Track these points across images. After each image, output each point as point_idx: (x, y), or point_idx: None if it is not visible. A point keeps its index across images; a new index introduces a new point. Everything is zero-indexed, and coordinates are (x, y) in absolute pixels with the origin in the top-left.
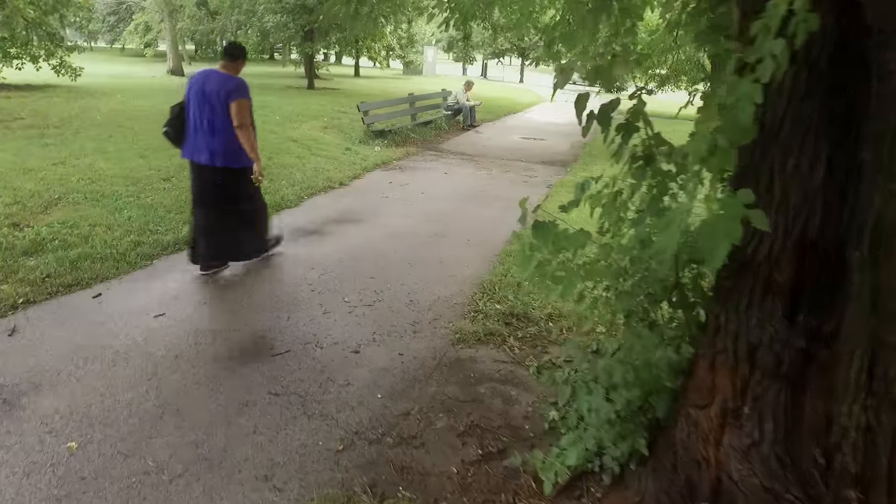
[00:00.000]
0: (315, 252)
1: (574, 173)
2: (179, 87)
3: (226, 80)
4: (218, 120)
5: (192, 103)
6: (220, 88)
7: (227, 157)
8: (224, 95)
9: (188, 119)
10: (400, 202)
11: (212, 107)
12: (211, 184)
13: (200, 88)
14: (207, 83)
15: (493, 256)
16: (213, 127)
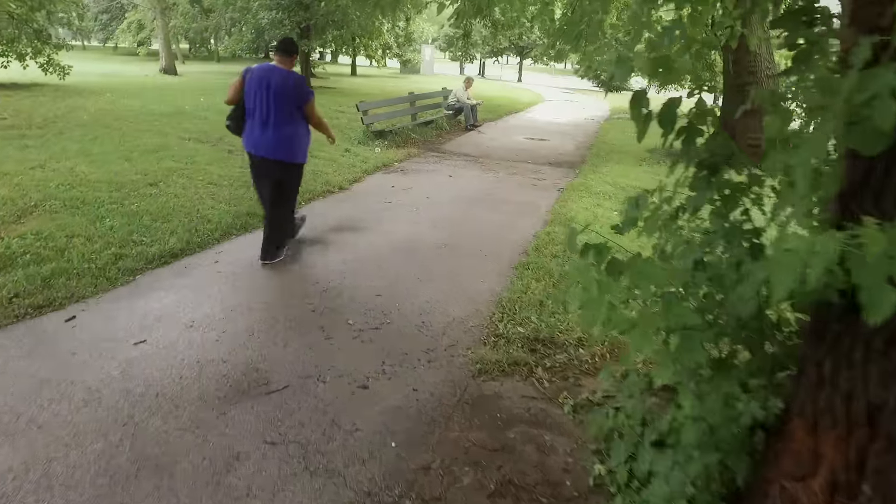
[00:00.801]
0: (315, 265)
1: (584, 176)
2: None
3: (289, 76)
4: (280, 115)
5: (254, 97)
6: (286, 85)
7: (287, 150)
8: (293, 94)
9: (249, 112)
10: (404, 208)
11: (276, 102)
12: (271, 175)
13: (265, 83)
14: (273, 78)
15: (508, 269)
16: (274, 121)
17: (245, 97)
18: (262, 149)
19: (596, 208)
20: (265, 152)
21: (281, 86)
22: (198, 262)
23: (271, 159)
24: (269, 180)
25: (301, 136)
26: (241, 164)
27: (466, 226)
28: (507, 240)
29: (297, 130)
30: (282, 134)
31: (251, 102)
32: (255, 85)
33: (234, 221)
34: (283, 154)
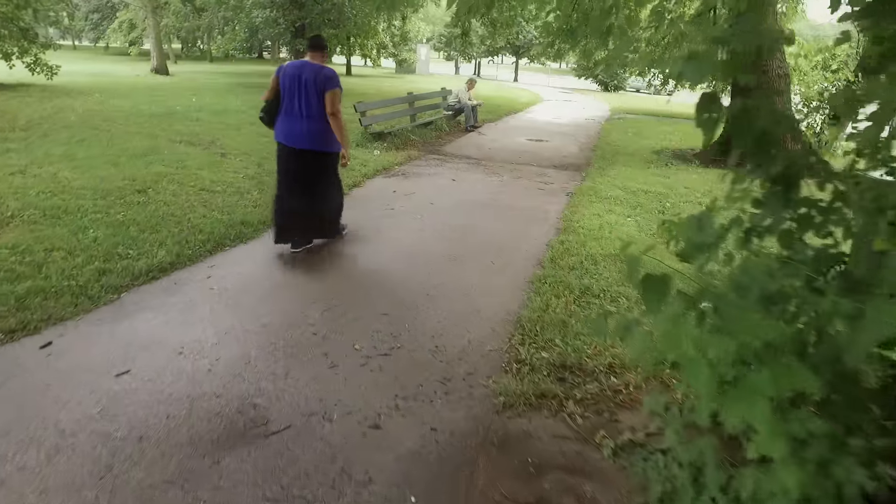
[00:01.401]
0: (314, 280)
1: (592, 179)
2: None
3: (320, 69)
4: (312, 107)
5: (288, 91)
6: (316, 77)
7: (318, 141)
8: (320, 84)
9: (282, 105)
10: (407, 215)
11: (307, 94)
12: (299, 166)
13: (297, 77)
14: (304, 73)
15: (524, 284)
16: (307, 113)
17: (280, 92)
18: (294, 140)
19: (608, 214)
20: (297, 143)
21: (312, 80)
22: (188, 278)
23: (304, 150)
24: (301, 173)
25: (328, 129)
26: (234, 169)
27: (474, 235)
28: (518, 250)
29: (326, 123)
30: (314, 126)
31: (285, 97)
32: (289, 80)
33: (227, 231)
34: (315, 144)
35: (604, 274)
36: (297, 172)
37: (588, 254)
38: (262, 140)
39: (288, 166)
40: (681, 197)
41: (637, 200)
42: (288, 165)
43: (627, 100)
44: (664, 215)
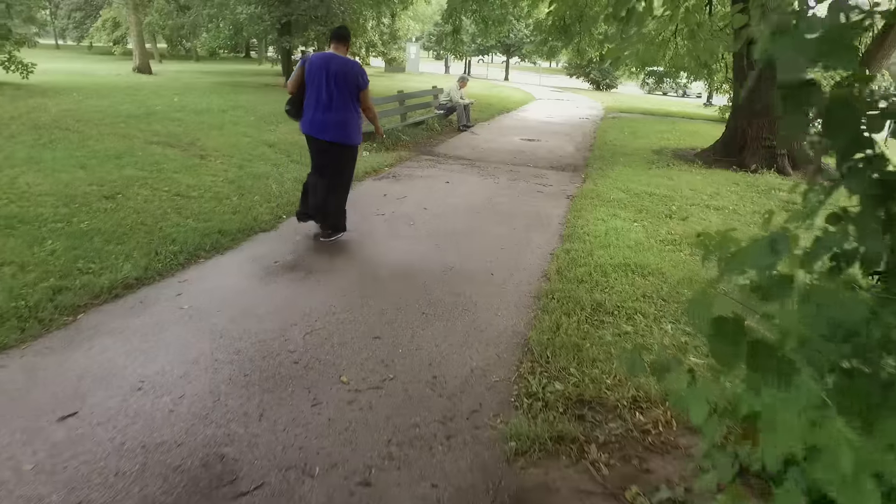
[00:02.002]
0: (297, 297)
1: (592, 181)
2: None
3: (349, 63)
4: (339, 99)
5: (315, 83)
6: (346, 71)
7: (343, 133)
8: (352, 79)
9: (309, 97)
10: (399, 221)
11: (336, 86)
12: (327, 155)
13: (324, 69)
14: (332, 65)
15: (529, 299)
16: (334, 105)
17: (306, 84)
18: (320, 131)
19: (613, 219)
20: (323, 135)
21: (341, 72)
22: (156, 295)
23: (329, 141)
24: (327, 161)
25: (355, 119)
26: (213, 172)
27: (472, 243)
28: (521, 260)
29: (352, 115)
30: (339, 117)
31: (311, 88)
32: (316, 71)
33: (202, 241)
34: (339, 136)
35: (616, 287)
36: (325, 161)
37: (596, 264)
38: (243, 141)
39: (317, 155)
40: (686, 199)
41: (641, 203)
42: (317, 154)
43: (620, 99)
44: (672, 219)
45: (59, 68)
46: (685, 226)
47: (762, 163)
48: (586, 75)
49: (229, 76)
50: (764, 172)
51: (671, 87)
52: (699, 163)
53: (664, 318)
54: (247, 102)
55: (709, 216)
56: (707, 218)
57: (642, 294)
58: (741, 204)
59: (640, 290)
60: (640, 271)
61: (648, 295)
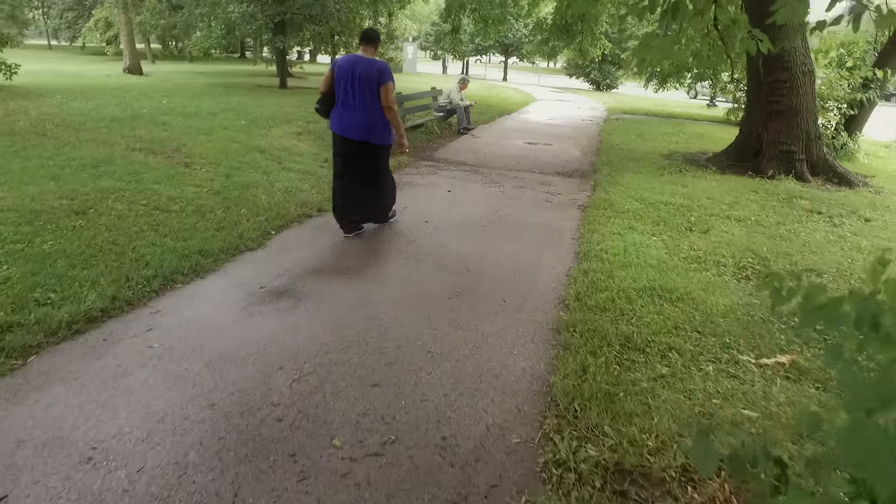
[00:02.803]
0: (285, 333)
1: (603, 189)
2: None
3: (374, 63)
4: (365, 99)
5: (343, 84)
6: (370, 71)
7: (371, 133)
8: (374, 77)
9: (338, 97)
10: (398, 238)
11: (361, 87)
12: (354, 156)
13: (351, 71)
14: (358, 66)
15: (547, 332)
16: (361, 105)
17: (335, 85)
18: (348, 131)
19: (629, 233)
20: (351, 135)
21: (365, 73)
22: (123, 331)
23: (357, 141)
24: (355, 161)
25: (382, 119)
26: (197, 182)
27: (479, 262)
28: (535, 283)
29: (378, 115)
30: (367, 118)
31: (340, 89)
32: (344, 73)
33: (179, 263)
34: (366, 136)
35: (643, 316)
36: (351, 161)
37: (619, 288)
38: (232, 146)
39: (343, 155)
40: (705, 210)
41: (658, 215)
42: (343, 154)
43: (621, 99)
44: (692, 232)
45: (47, 69)
46: (707, 240)
47: (779, 168)
48: (586, 75)
49: (222, 77)
50: (782, 178)
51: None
52: (713, 168)
53: (702, 357)
54: (238, 105)
55: (731, 228)
56: (729, 230)
57: (673, 325)
58: (763, 214)
59: (670, 321)
60: (667, 296)
61: (680, 326)
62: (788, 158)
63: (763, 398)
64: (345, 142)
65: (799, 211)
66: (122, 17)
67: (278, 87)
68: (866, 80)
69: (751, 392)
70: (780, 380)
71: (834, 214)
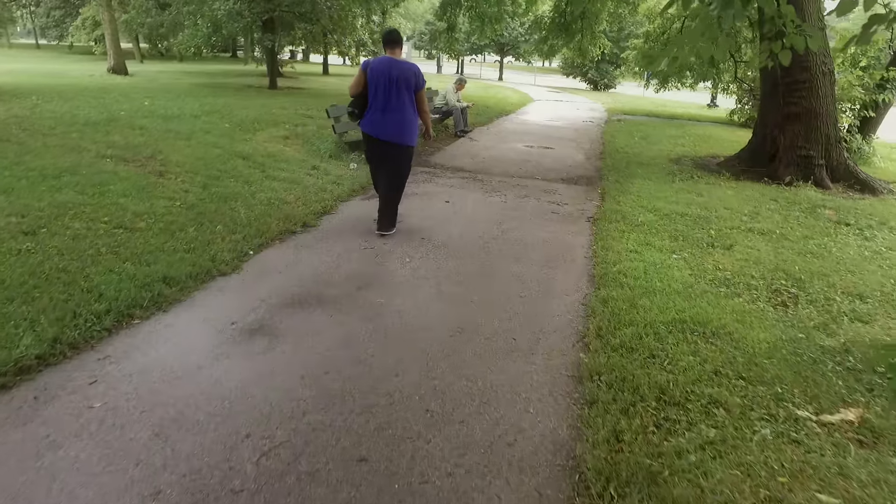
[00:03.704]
0: (256, 385)
1: (612, 198)
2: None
3: (409, 67)
4: (399, 102)
5: (380, 87)
6: (409, 75)
7: (403, 135)
8: (413, 81)
9: (373, 100)
10: (393, 257)
11: (399, 90)
12: (387, 157)
13: (386, 74)
14: (394, 70)
15: (566, 379)
16: (397, 107)
17: (368, 87)
18: (383, 133)
19: (647, 250)
20: (385, 136)
21: (402, 77)
22: (61, 384)
23: (390, 143)
24: (385, 161)
25: (414, 121)
26: (170, 194)
27: (483, 288)
28: (548, 315)
29: (412, 116)
30: (398, 119)
31: (374, 91)
32: (378, 76)
33: (139, 294)
34: (399, 137)
35: (677, 359)
36: (384, 161)
37: (645, 321)
38: (213, 153)
39: (375, 156)
40: (724, 222)
41: (675, 228)
42: (375, 156)
43: (620, 99)
44: (715, 248)
45: (28, 69)
46: (732, 257)
47: (797, 174)
48: (583, 75)
49: (211, 77)
50: (800, 185)
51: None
52: (726, 174)
53: (753, 412)
54: (224, 106)
55: (755, 243)
56: (754, 245)
57: (713, 370)
58: (787, 226)
59: (708, 364)
60: (700, 331)
61: (721, 371)
62: (807, 164)
63: (839, 474)
64: (380, 144)
65: (825, 222)
66: (105, 14)
67: (268, 88)
68: (882, 80)
69: (822, 465)
70: (852, 446)
71: (863, 226)
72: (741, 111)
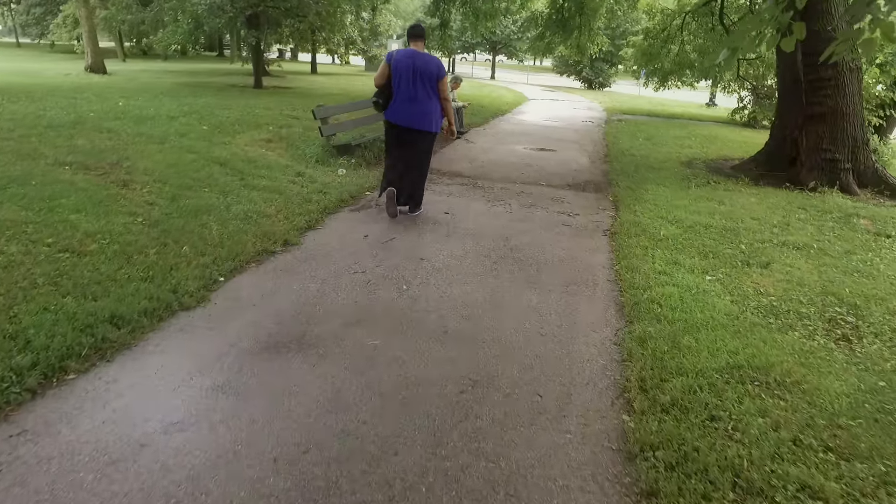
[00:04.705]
0: (213, 470)
1: (628, 207)
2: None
3: (431, 59)
4: (423, 92)
5: (403, 78)
6: (431, 66)
7: (427, 122)
8: (435, 72)
9: (396, 90)
10: (386, 283)
11: (422, 80)
12: (409, 143)
13: (411, 66)
14: (417, 61)
15: (610, 456)
16: (420, 97)
17: (393, 78)
18: (407, 121)
19: (676, 270)
20: (409, 123)
21: (426, 69)
22: None
23: (414, 129)
24: (408, 147)
25: (436, 110)
26: (132, 209)
27: (496, 323)
28: (575, 359)
29: (434, 106)
30: (423, 108)
31: (400, 82)
32: (403, 67)
33: (77, 339)
34: (421, 124)
35: (746, 424)
36: (405, 148)
37: (695, 369)
38: (187, 158)
39: (399, 143)
40: (754, 234)
41: (702, 242)
42: (399, 142)
43: (617, 98)
44: (750, 267)
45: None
46: (772, 277)
47: (822, 179)
48: (578, 73)
49: (194, 76)
50: (825, 191)
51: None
52: (744, 178)
53: None
54: (204, 107)
55: (793, 260)
56: (793, 263)
57: (792, 439)
58: (823, 238)
59: (784, 430)
60: (762, 380)
61: (802, 440)
62: (832, 168)
63: None
64: (403, 131)
65: (863, 234)
66: (82, 11)
67: (253, 87)
68: None
69: None
70: None
71: None
72: (743, 110)
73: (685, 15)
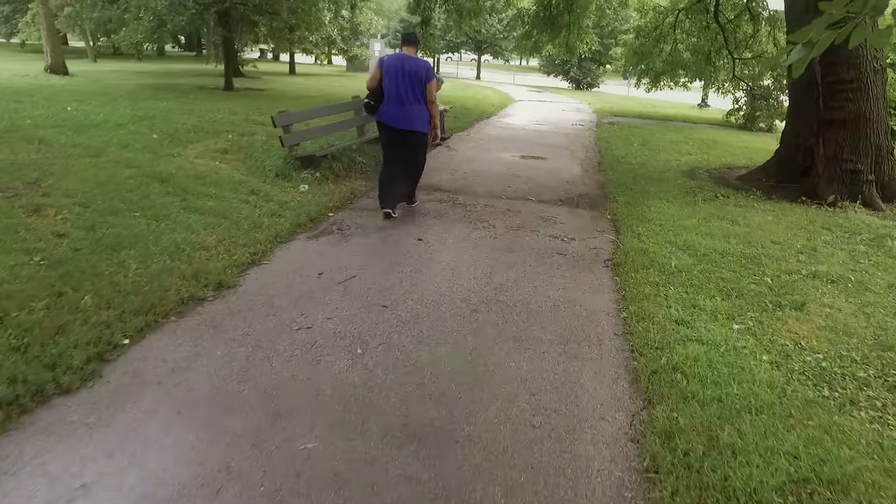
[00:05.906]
0: None
1: (630, 229)
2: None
3: (420, 62)
4: (412, 94)
5: (393, 80)
6: (420, 69)
7: (417, 123)
8: (424, 75)
9: (388, 93)
10: (336, 343)
11: (412, 83)
12: (401, 143)
13: (400, 68)
14: (406, 64)
15: None
16: (411, 99)
17: (384, 81)
18: (398, 122)
19: (698, 321)
20: (399, 124)
21: (413, 71)
22: None
23: (405, 130)
24: (400, 148)
25: (425, 112)
26: (32, 244)
27: (474, 410)
28: (580, 473)
29: (422, 108)
30: (411, 110)
31: (390, 85)
32: (393, 71)
33: None
34: (411, 125)
35: None
36: (398, 148)
37: (748, 487)
38: (123, 174)
39: (391, 144)
40: (778, 263)
41: (720, 275)
42: (391, 142)
43: (606, 99)
44: (783, 311)
45: None
46: (811, 324)
47: (842, 192)
48: (565, 73)
49: (162, 77)
50: (846, 206)
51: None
52: (755, 191)
53: None
54: (162, 111)
55: (830, 298)
56: (831, 303)
57: None
58: (859, 268)
59: None
60: None
61: None
62: (853, 179)
63: None
64: (393, 131)
65: None
66: (40, 8)
67: (222, 90)
68: None
69: None
70: None
71: None
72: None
73: (678, 12)
